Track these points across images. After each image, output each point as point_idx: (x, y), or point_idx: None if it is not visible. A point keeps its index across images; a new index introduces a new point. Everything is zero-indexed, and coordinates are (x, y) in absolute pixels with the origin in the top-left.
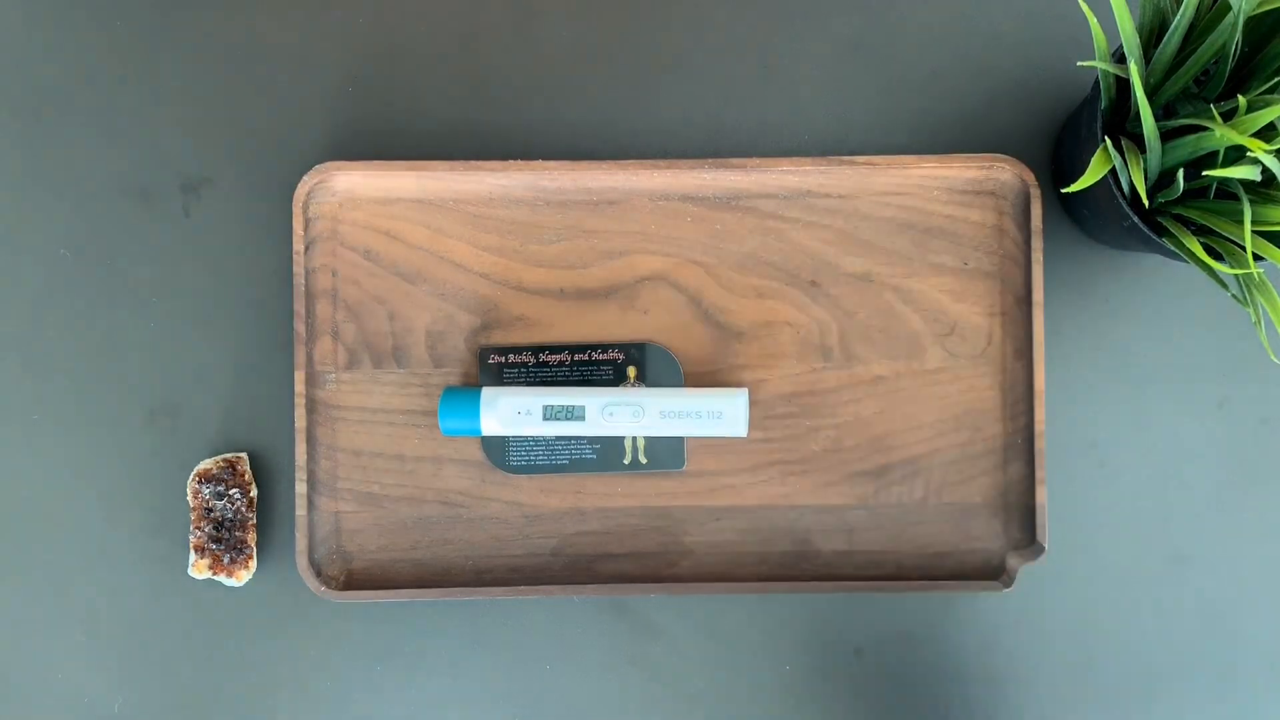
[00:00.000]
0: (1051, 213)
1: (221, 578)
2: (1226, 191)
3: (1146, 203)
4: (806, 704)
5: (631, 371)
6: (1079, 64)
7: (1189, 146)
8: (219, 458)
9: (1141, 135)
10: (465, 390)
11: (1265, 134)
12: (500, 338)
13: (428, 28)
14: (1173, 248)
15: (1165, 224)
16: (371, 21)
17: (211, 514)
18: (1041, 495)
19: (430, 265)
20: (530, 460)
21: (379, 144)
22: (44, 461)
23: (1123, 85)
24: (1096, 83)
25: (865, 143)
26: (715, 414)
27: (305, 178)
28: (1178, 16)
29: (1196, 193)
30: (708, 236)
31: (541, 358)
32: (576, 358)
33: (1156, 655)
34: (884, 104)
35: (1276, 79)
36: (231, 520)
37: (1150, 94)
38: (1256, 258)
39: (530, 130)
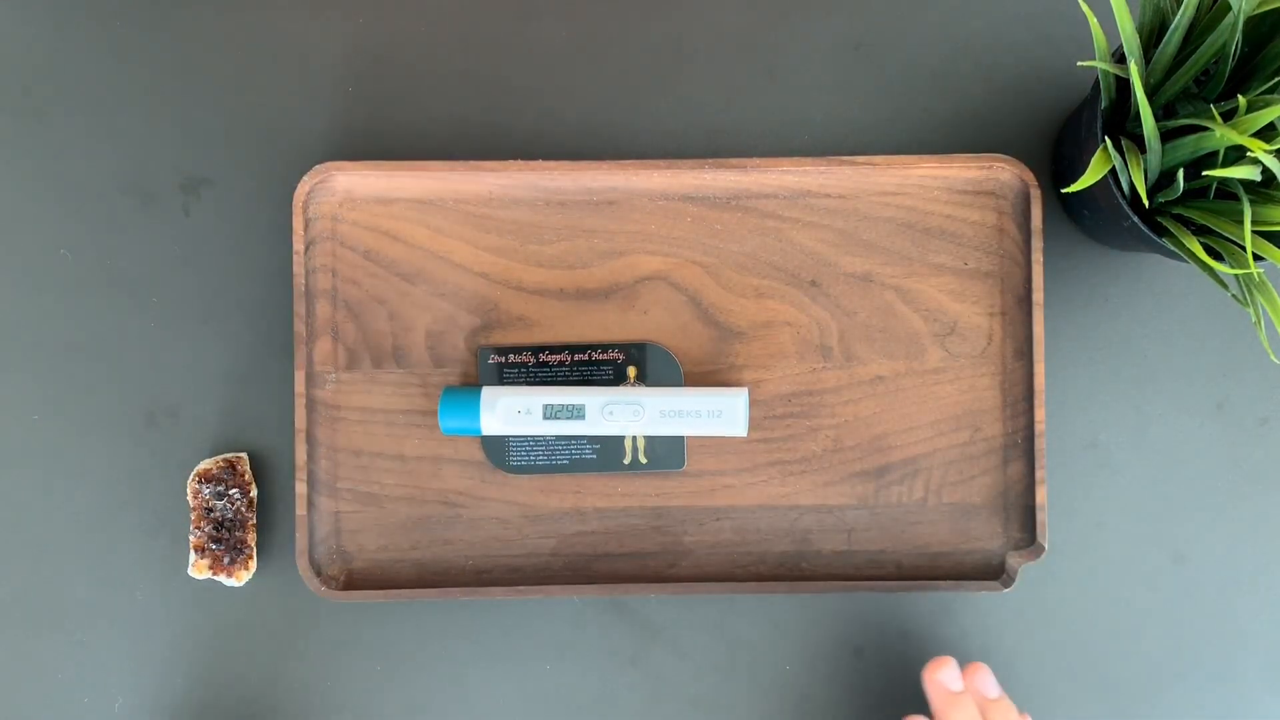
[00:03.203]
0: (1051, 213)
1: (221, 578)
2: (1226, 191)
3: (1146, 203)
4: (806, 704)
5: (631, 371)
6: (1079, 64)
7: (1189, 146)
8: (219, 458)
9: (1141, 135)
10: (465, 390)
11: (1265, 134)
12: (500, 338)
13: (428, 28)
14: (1173, 248)
15: (1165, 224)
16: (371, 21)
17: (211, 514)
18: (1041, 495)
19: (430, 265)
20: (530, 460)
21: (379, 144)
22: (44, 461)
23: (1123, 85)
24: (1096, 83)
25: (865, 143)
26: (715, 413)
27: (305, 178)
28: (1178, 16)
29: (1196, 193)
30: (708, 236)
31: (541, 358)
32: (576, 358)
33: (1156, 655)
34: (884, 104)
35: (1276, 79)
36: (231, 520)
37: (1150, 94)
38: (1256, 258)
39: (530, 130)
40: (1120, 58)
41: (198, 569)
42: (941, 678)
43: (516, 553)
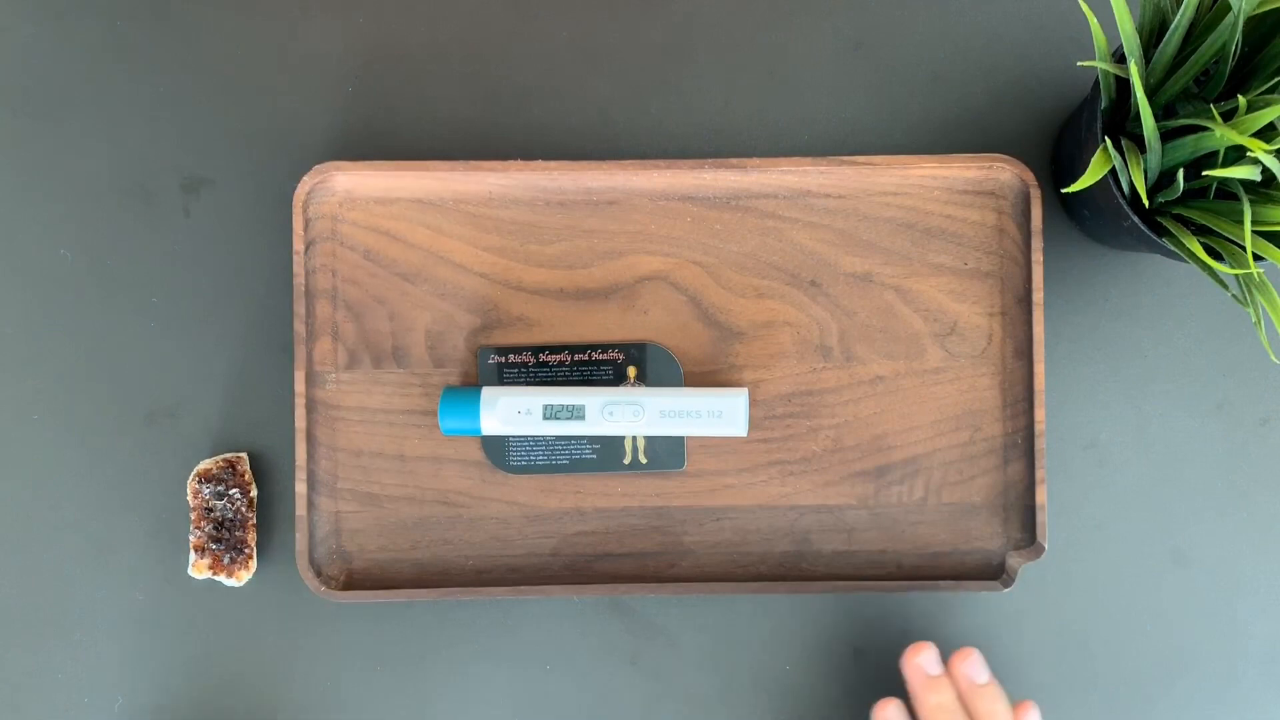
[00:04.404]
0: (1051, 213)
1: (221, 578)
2: (1226, 191)
3: (1146, 203)
4: (806, 704)
5: (631, 371)
6: (1079, 64)
7: (1189, 146)
8: (219, 458)
9: (1141, 135)
10: (465, 390)
11: (1265, 134)
12: (500, 338)
13: (428, 28)
14: (1173, 248)
15: (1165, 224)
16: (371, 21)
17: (211, 514)
18: (1041, 495)
19: (430, 265)
20: (530, 460)
21: (379, 144)
22: (44, 461)
23: (1123, 85)
24: (1096, 83)
25: (865, 143)
26: (715, 414)
27: (305, 178)
28: (1178, 16)
29: (1196, 193)
30: (708, 236)
31: (541, 358)
32: (576, 358)
33: (1156, 655)
34: (884, 104)
35: (1276, 79)
36: (231, 520)
37: (1150, 94)
38: (1256, 258)
39: (530, 130)
40: (1120, 58)
41: (198, 569)
42: (920, 661)
43: (516, 553)
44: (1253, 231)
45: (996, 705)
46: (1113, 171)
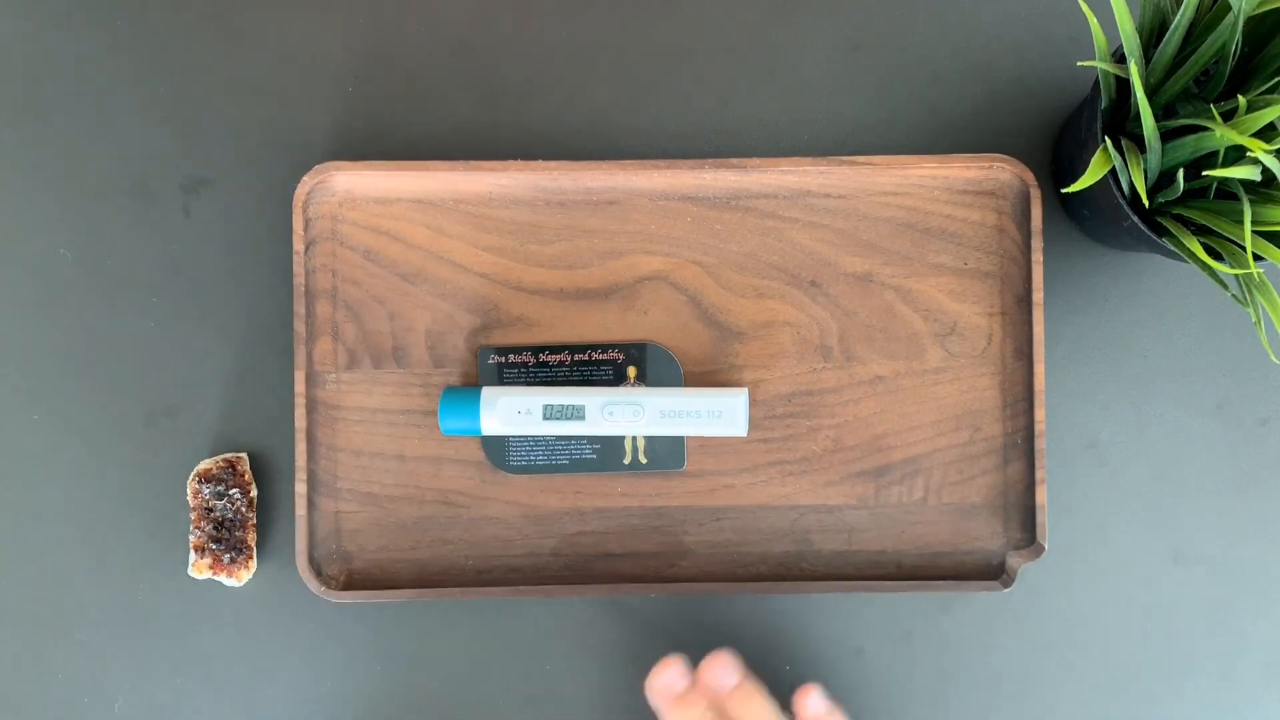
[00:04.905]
0: (1051, 213)
1: (221, 578)
2: (1226, 191)
3: (1146, 203)
4: None
5: (631, 371)
6: (1079, 64)
7: (1189, 146)
8: (219, 458)
9: (1141, 135)
10: (465, 390)
11: (1265, 134)
12: (500, 338)
13: (428, 28)
14: (1173, 248)
15: (1165, 224)
16: (371, 21)
17: (211, 514)
18: (1041, 495)
19: (430, 265)
20: (530, 460)
21: (379, 144)
22: (44, 461)
23: (1123, 85)
24: (1096, 83)
25: (865, 143)
26: (715, 414)
27: (305, 178)
28: (1178, 16)
29: (1196, 193)
30: (708, 236)
31: (541, 358)
32: (576, 358)
33: (1156, 655)
34: (884, 104)
35: (1276, 79)
36: (231, 520)
37: (1150, 94)
38: (1256, 258)
39: (530, 130)
40: (1120, 58)
41: (198, 569)
42: (661, 683)
43: (516, 553)
44: (1253, 231)
45: (750, 705)
46: (1113, 171)
